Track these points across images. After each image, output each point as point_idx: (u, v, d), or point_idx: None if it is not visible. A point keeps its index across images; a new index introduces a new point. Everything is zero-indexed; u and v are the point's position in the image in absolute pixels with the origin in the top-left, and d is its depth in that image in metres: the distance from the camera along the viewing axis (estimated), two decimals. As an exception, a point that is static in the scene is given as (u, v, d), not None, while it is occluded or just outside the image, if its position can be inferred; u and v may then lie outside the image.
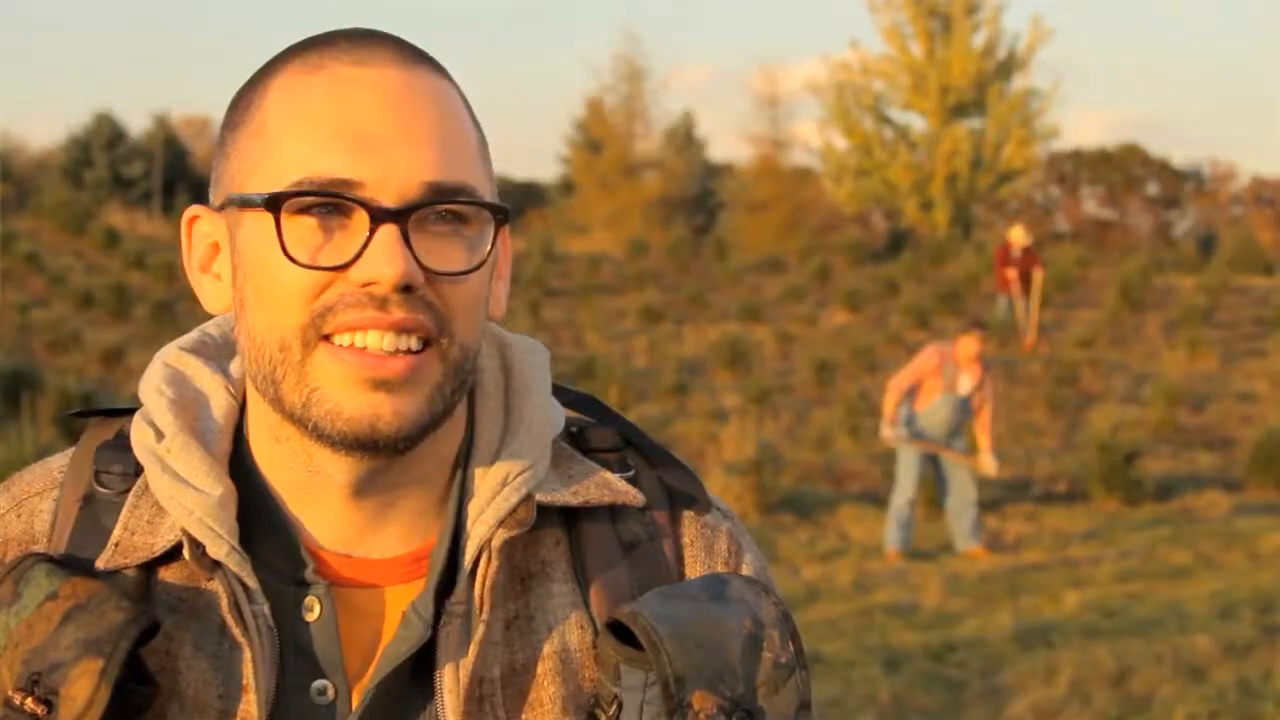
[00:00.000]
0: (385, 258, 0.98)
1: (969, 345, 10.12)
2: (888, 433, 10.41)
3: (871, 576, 9.47)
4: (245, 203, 1.02)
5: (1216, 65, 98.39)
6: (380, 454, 1.02)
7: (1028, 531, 11.35)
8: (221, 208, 1.06)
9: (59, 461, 1.13)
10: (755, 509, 11.55)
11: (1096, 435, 13.14)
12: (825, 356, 18.15)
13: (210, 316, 1.14)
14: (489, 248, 1.04)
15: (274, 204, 0.99)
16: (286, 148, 1.02)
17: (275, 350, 1.01)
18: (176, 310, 20.00)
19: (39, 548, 1.08)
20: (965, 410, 10.23)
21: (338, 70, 1.03)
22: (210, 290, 1.08)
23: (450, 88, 1.06)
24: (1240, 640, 7.55)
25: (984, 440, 10.52)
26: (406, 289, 0.99)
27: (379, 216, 0.99)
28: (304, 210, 1.00)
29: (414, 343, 1.00)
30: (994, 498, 12.24)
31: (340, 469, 1.04)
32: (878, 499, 12.16)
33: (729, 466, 11.90)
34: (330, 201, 1.00)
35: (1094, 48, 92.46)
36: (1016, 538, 11.10)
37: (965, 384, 10.20)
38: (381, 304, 0.99)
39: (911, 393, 10.35)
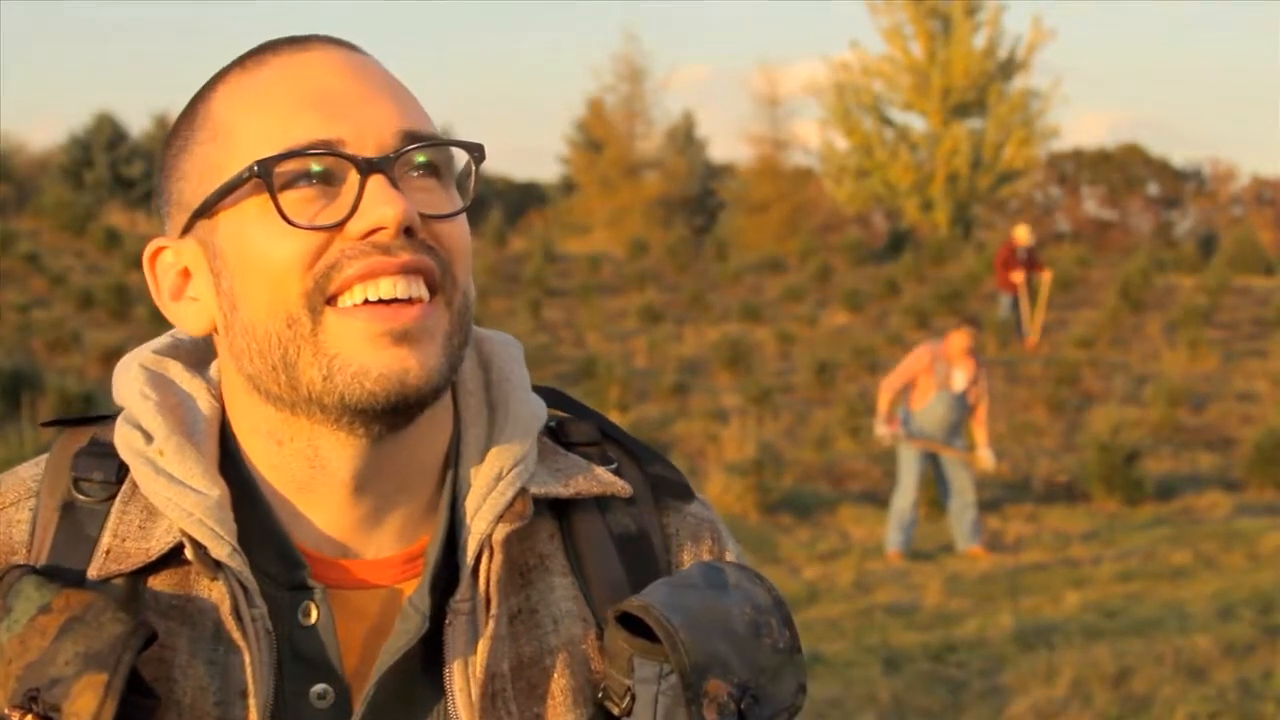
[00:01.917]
0: (384, 200, 0.99)
1: (960, 340, 10.11)
2: (882, 431, 10.43)
3: (872, 576, 9.46)
4: (227, 189, 1.01)
5: (1216, 65, 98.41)
6: (407, 412, 1.01)
7: (1028, 532, 11.35)
8: (188, 227, 1.05)
9: (30, 470, 1.11)
10: (755, 509, 11.55)
11: (1097, 435, 13.14)
12: (825, 357, 18.14)
13: None
14: (471, 189, 1.05)
15: (265, 169, 0.99)
16: (251, 130, 1.02)
17: (283, 329, 1.00)
18: (177, 310, 19.98)
19: (19, 559, 1.06)
20: (963, 406, 10.22)
21: (280, 60, 1.04)
22: (189, 313, 1.07)
23: (389, 69, 1.08)
24: (1240, 640, 7.55)
25: (981, 435, 10.51)
26: (408, 232, 1.00)
27: (367, 167, 1.00)
28: (288, 185, 1.00)
29: (422, 290, 1.01)
30: (994, 498, 12.25)
31: (347, 457, 1.04)
32: (878, 499, 12.16)
33: (729, 467, 11.90)
34: (316, 164, 1.00)
35: (1094, 48, 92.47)
36: (1017, 538, 11.10)
37: (960, 380, 10.18)
38: (386, 250, 0.99)
39: (907, 393, 10.37)
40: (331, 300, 1.00)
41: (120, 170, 39.16)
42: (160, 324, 19.50)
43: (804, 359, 18.59)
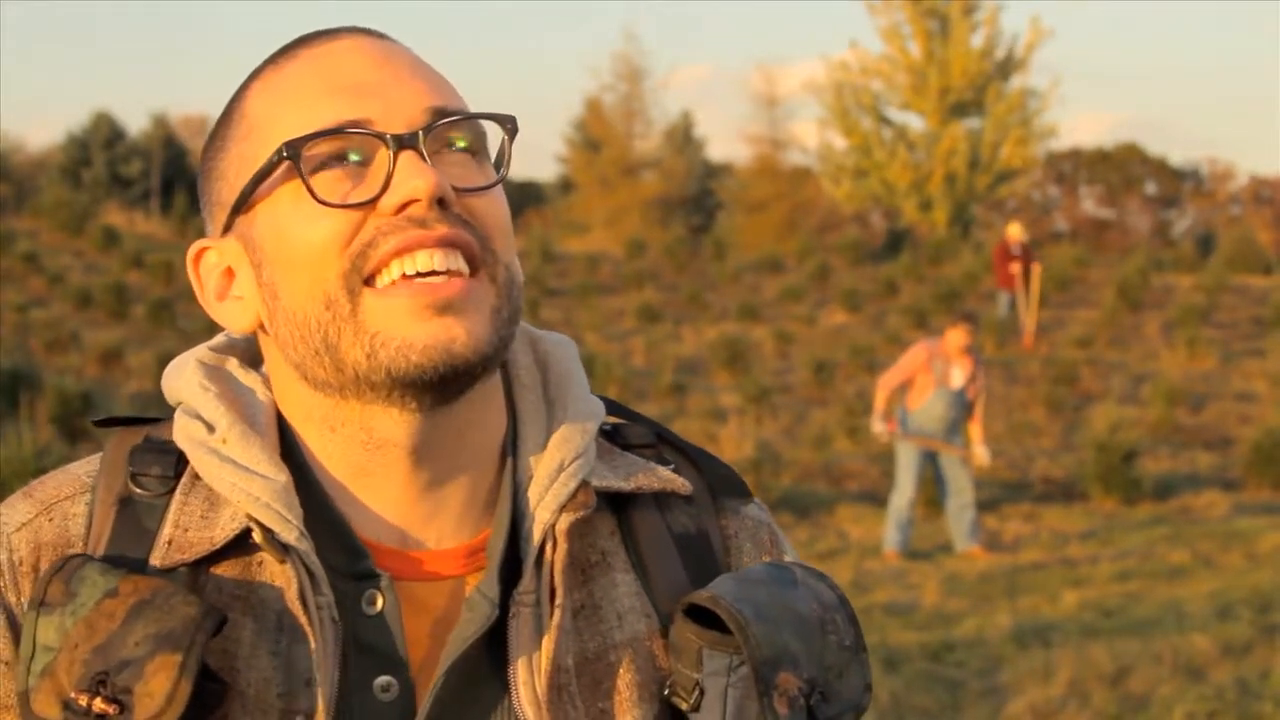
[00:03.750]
0: (416, 172, 0.98)
1: (957, 337, 10.10)
2: (879, 428, 10.44)
3: (870, 576, 9.47)
4: (260, 177, 1.01)
5: (1215, 65, 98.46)
6: (456, 382, 1.00)
7: (1026, 531, 11.35)
8: (228, 226, 1.06)
9: (84, 468, 1.10)
10: (754, 509, 11.54)
11: (1095, 435, 13.14)
12: (824, 356, 18.15)
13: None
14: (506, 162, 1.05)
15: (293, 150, 0.99)
16: (283, 120, 1.02)
17: (322, 311, 1.00)
18: (175, 310, 19.99)
19: (75, 551, 1.04)
20: (961, 404, 10.20)
21: (310, 52, 1.05)
22: (234, 311, 1.07)
23: (420, 56, 1.08)
24: (1238, 640, 7.55)
25: (977, 432, 10.50)
26: (441, 203, 0.99)
27: (397, 143, 0.99)
28: (321, 167, 1.00)
29: (461, 263, 1.00)
30: (992, 498, 12.25)
31: (402, 433, 1.03)
32: (876, 499, 12.16)
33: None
34: (346, 144, 1.00)
35: (1093, 48, 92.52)
36: (1015, 537, 11.10)
37: (957, 378, 10.17)
38: (422, 224, 0.99)
39: (904, 393, 10.37)
40: (370, 280, 0.99)
41: (118, 169, 39.15)
42: (159, 322, 19.52)
43: (802, 358, 18.60)
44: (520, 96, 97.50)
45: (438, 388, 1.00)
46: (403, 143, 0.99)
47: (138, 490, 1.06)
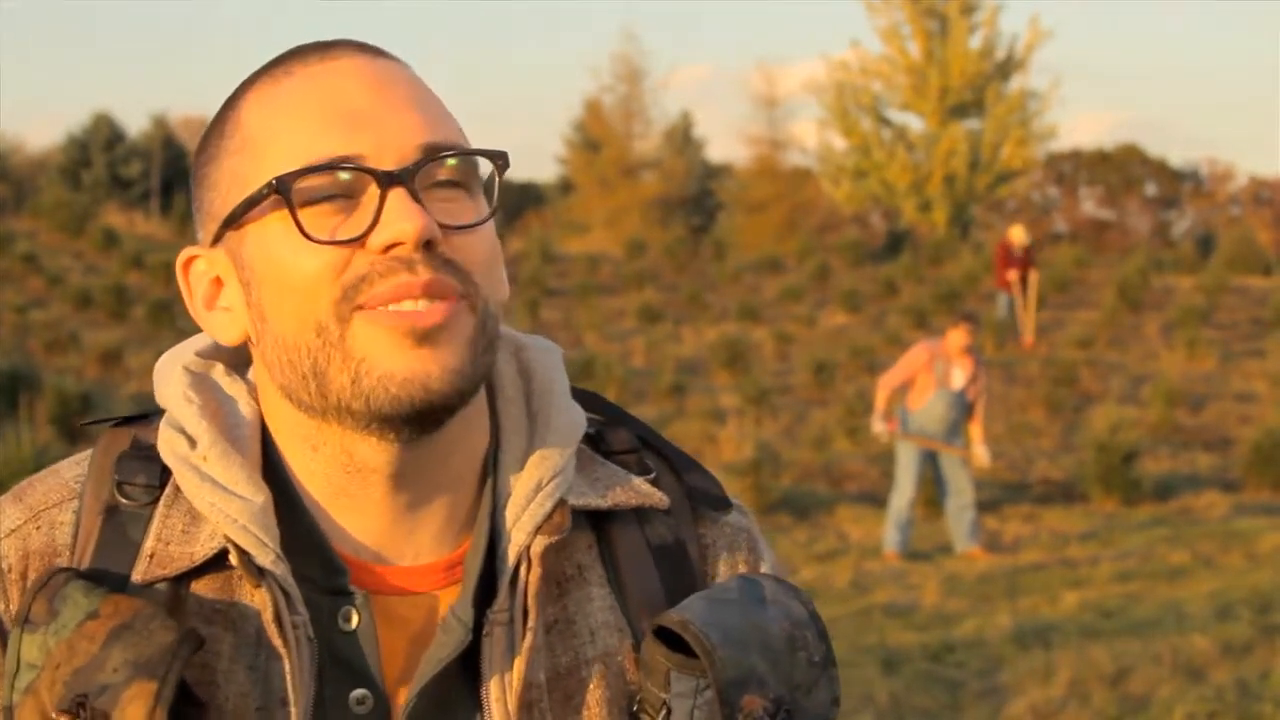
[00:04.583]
0: (404, 214, 0.99)
1: (958, 337, 10.10)
2: (879, 428, 10.45)
3: (870, 577, 9.47)
4: (251, 203, 1.01)
5: (1215, 65, 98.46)
6: (434, 416, 1.01)
7: (1026, 532, 11.35)
8: (218, 237, 1.05)
9: (72, 471, 1.10)
10: (754, 509, 11.54)
11: (1095, 435, 13.13)
12: (824, 357, 18.14)
13: None
14: (495, 197, 1.05)
15: (284, 185, 0.99)
16: (277, 144, 1.02)
17: (313, 338, 1.00)
18: (175, 310, 19.98)
19: (62, 561, 1.05)
20: (962, 404, 10.20)
21: (307, 70, 1.04)
22: (222, 322, 1.07)
23: (417, 74, 1.07)
24: (1238, 640, 7.55)
25: (977, 432, 10.49)
26: (428, 245, 0.99)
27: (387, 180, 0.99)
28: (311, 202, 1.00)
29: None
30: (992, 498, 12.25)
31: (382, 461, 1.04)
32: (876, 499, 12.16)
33: (727, 467, 11.90)
34: (340, 174, 1.00)
35: (1093, 48, 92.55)
36: (1015, 538, 11.10)
37: (958, 378, 10.17)
38: (410, 267, 0.99)
39: (904, 394, 10.37)
40: (362, 306, 1.00)
41: (118, 170, 39.16)
42: (158, 323, 19.52)
43: (802, 359, 18.59)
44: (520, 97, 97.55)
45: (415, 422, 1.01)
46: (392, 180, 1.00)
47: (123, 500, 1.07)
